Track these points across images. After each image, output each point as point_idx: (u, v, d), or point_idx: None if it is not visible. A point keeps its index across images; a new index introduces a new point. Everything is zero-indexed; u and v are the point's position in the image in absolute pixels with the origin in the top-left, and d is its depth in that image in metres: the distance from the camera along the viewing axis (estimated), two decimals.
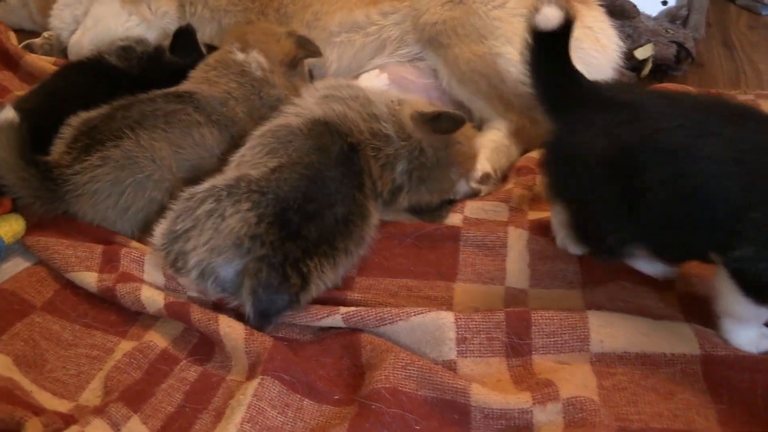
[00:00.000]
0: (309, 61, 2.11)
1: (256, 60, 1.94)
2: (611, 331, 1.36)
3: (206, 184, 1.50)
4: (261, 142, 1.60)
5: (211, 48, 2.14)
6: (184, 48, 2.09)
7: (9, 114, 1.59)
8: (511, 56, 1.97)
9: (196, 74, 1.94)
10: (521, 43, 1.39)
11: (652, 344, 1.34)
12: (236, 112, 1.85)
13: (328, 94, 1.74)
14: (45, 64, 2.43)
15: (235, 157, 1.63)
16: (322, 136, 1.59)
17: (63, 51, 2.60)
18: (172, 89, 1.86)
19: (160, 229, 1.50)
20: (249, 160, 1.57)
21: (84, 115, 1.73)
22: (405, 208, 1.73)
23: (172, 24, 2.41)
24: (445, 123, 1.69)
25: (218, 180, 1.50)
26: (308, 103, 1.72)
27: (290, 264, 1.40)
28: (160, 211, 1.63)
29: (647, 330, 1.36)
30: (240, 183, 1.46)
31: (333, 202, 1.50)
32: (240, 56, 1.93)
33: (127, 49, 2.04)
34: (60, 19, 2.59)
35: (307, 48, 2.04)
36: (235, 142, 1.74)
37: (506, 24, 2.01)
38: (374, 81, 2.09)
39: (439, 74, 2.10)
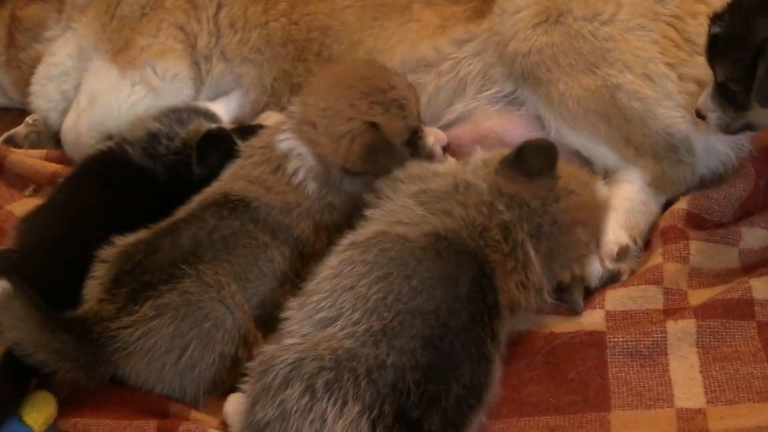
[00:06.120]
0: None
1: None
2: None
3: (288, 353, 1.47)
4: (365, 258, 1.56)
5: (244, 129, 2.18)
6: (217, 155, 2.03)
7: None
8: (634, 86, 1.98)
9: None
10: (642, 66, 1.30)
11: None
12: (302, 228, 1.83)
13: (418, 191, 1.71)
14: (35, 161, 2.50)
15: (329, 286, 1.57)
16: (446, 261, 1.56)
17: (55, 137, 2.67)
18: (219, 192, 1.84)
19: (234, 416, 1.54)
20: (351, 287, 1.52)
21: (120, 244, 1.75)
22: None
23: (185, 88, 2.52)
24: (532, 157, 1.69)
25: (304, 349, 1.48)
26: (411, 208, 1.68)
27: None
28: (235, 365, 1.67)
29: None
30: (343, 373, 1.43)
31: (459, 364, 1.49)
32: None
33: (154, 138, 2.05)
34: (44, 97, 2.67)
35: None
36: (307, 261, 1.74)
37: (621, 44, 2.01)
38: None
39: (543, 119, 2.12)
